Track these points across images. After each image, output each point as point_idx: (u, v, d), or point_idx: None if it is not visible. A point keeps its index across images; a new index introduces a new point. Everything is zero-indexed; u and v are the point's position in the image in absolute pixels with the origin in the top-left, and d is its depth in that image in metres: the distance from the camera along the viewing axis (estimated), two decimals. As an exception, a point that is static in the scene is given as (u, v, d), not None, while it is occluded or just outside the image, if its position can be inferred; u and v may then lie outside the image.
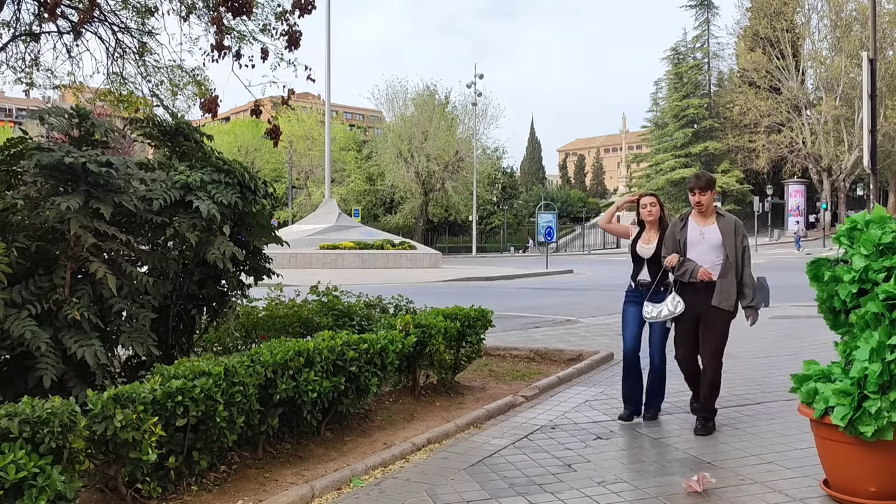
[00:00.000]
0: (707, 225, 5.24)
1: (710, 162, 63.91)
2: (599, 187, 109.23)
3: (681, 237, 5.23)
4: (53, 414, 3.07)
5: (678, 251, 5.21)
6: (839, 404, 3.63)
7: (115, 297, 4.25)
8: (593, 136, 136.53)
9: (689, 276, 5.12)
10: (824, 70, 55.06)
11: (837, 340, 4.04)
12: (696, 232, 5.22)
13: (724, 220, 5.25)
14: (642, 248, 5.56)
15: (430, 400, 6.25)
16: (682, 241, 5.21)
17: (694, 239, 5.20)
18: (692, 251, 5.19)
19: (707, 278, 5.07)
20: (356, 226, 37.49)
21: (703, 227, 5.23)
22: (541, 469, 4.48)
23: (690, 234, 5.22)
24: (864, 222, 3.96)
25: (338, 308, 6.79)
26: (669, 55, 69.23)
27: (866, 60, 15.20)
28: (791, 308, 12.93)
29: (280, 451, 4.67)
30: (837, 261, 4.05)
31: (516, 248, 67.09)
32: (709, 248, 5.15)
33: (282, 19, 8.21)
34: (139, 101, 9.47)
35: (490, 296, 17.34)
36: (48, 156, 4.15)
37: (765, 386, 6.68)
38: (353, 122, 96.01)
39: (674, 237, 5.27)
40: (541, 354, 8.30)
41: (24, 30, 9.14)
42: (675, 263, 5.16)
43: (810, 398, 3.84)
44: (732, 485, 4.09)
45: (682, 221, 5.32)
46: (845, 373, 3.78)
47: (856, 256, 3.85)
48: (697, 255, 5.17)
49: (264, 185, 5.23)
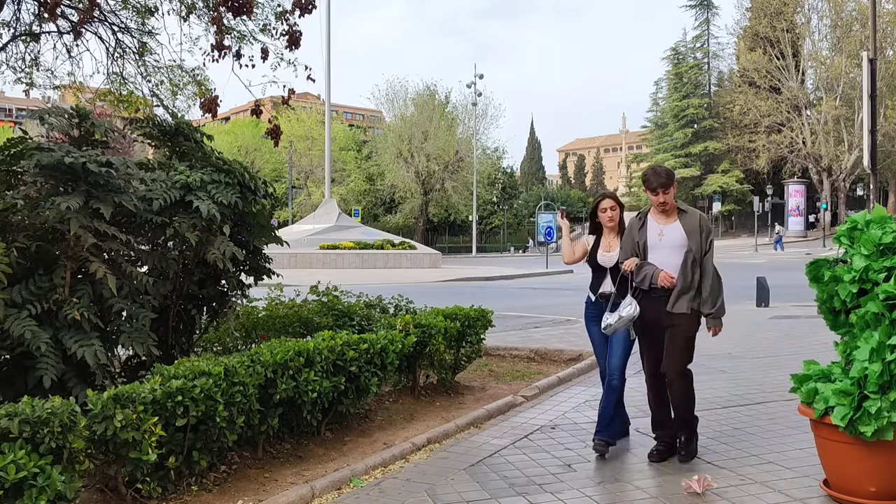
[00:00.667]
0: (668, 223, 4.63)
1: (710, 162, 63.94)
2: (599, 187, 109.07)
3: (639, 239, 4.65)
4: (53, 414, 3.07)
5: (637, 254, 4.64)
6: (839, 404, 3.63)
7: (115, 297, 4.26)
8: (593, 136, 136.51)
9: (649, 282, 4.53)
10: (824, 70, 55.05)
11: (837, 340, 4.04)
12: (656, 232, 4.62)
13: (688, 216, 4.64)
14: (603, 256, 4.96)
15: (430, 400, 6.25)
16: (641, 242, 4.63)
17: (654, 240, 4.61)
18: (653, 254, 4.60)
19: (668, 284, 4.48)
20: (356, 226, 37.48)
21: (663, 225, 4.63)
22: (541, 469, 4.48)
23: (650, 234, 4.64)
24: (865, 222, 3.96)
25: (338, 308, 6.79)
26: (669, 55, 69.27)
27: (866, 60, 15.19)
28: (791, 308, 12.94)
29: (280, 451, 4.67)
30: (837, 261, 4.05)
31: (516, 248, 67.10)
32: (671, 249, 4.56)
33: (282, 19, 8.21)
34: (139, 101, 9.47)
35: (490, 296, 17.33)
36: (48, 156, 4.15)
37: (765, 386, 6.68)
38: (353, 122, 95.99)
39: (632, 239, 4.69)
40: (541, 354, 8.30)
41: (24, 30, 9.13)
42: (633, 268, 4.58)
43: (810, 398, 3.84)
44: (732, 485, 4.09)
45: (640, 221, 4.71)
46: (845, 373, 3.78)
47: (856, 256, 3.85)
48: (659, 258, 4.57)
49: (264, 185, 5.23)
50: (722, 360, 7.96)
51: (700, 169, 63.56)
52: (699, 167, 63.58)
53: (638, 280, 4.57)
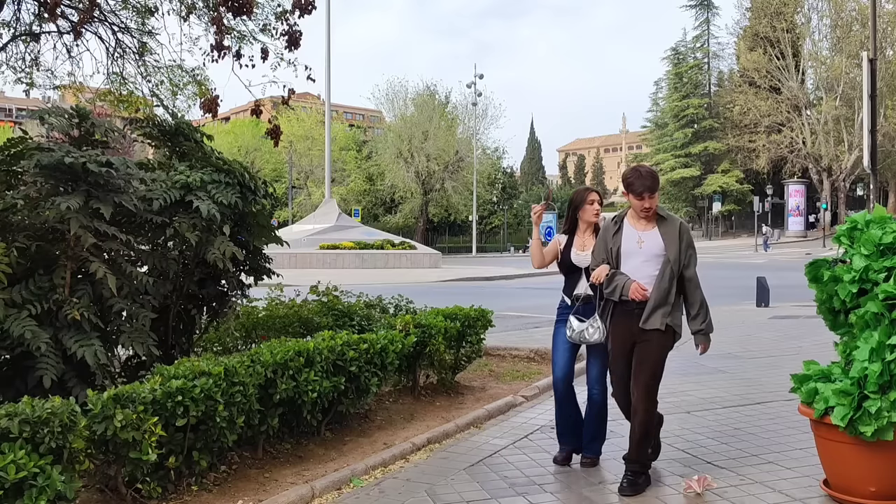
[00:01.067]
0: (647, 230, 4.16)
1: (710, 162, 63.93)
2: (599, 187, 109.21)
3: (613, 245, 4.18)
4: (53, 414, 3.07)
5: (609, 262, 4.18)
6: (839, 404, 3.63)
7: (115, 297, 4.25)
8: (593, 136, 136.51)
9: (620, 293, 4.12)
10: (824, 70, 55.04)
11: (837, 341, 4.04)
12: (634, 239, 4.16)
13: (667, 222, 4.16)
14: (578, 255, 4.54)
15: (430, 400, 6.25)
16: (616, 249, 4.17)
17: (630, 248, 4.15)
18: (627, 262, 4.14)
19: (640, 297, 4.05)
20: (356, 226, 37.48)
21: (642, 231, 4.17)
22: (541, 469, 4.48)
23: (626, 241, 4.17)
24: (865, 222, 3.96)
25: (338, 308, 6.79)
26: (669, 55, 69.26)
27: (866, 60, 15.19)
28: (791, 308, 12.94)
29: (280, 451, 4.67)
30: (836, 261, 4.05)
31: (516, 248, 67.06)
32: (647, 258, 4.11)
33: (282, 19, 8.22)
34: (139, 101, 9.48)
35: (490, 296, 17.33)
36: (48, 156, 4.15)
37: (765, 386, 6.68)
38: (353, 122, 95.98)
39: (605, 244, 4.22)
40: (541, 354, 8.30)
41: (24, 30, 9.14)
42: (603, 278, 4.13)
43: (810, 398, 3.84)
44: (732, 485, 4.09)
45: (615, 225, 4.23)
46: (845, 373, 3.78)
47: (856, 256, 3.85)
48: (633, 267, 4.12)
49: (264, 185, 5.24)
50: (722, 360, 7.96)
51: (700, 169, 63.56)
52: (699, 167, 63.56)
53: (608, 291, 4.16)
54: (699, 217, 66.73)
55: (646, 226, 4.18)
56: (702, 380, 7.01)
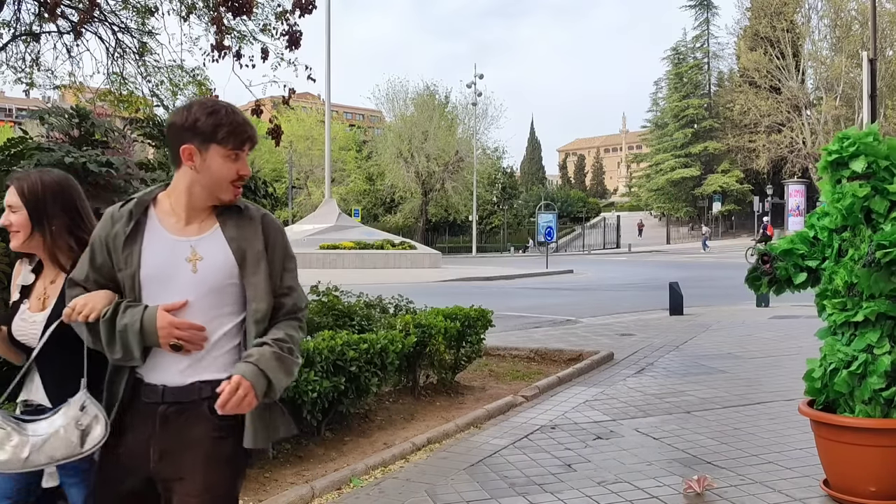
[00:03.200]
0: (203, 230, 2.11)
1: (710, 162, 63.91)
2: (599, 187, 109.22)
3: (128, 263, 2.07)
4: (53, 414, 3.06)
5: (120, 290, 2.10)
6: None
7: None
8: (593, 136, 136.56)
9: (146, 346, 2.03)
10: (824, 70, 55.03)
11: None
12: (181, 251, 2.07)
13: (244, 217, 2.15)
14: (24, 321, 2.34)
15: (430, 400, 6.25)
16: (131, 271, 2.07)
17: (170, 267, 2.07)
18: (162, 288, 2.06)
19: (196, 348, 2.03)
20: (356, 226, 37.46)
21: (196, 238, 2.10)
22: (541, 469, 4.48)
23: (158, 248, 2.08)
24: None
25: (338, 308, 6.77)
26: (669, 55, 69.20)
27: (866, 60, 15.21)
28: (791, 308, 12.93)
29: (280, 451, 4.66)
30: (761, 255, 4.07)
31: (516, 248, 67.03)
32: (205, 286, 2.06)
33: (282, 19, 8.21)
34: (139, 101, 9.48)
35: (490, 296, 17.33)
36: (48, 156, 4.15)
37: (765, 386, 6.68)
38: (353, 122, 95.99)
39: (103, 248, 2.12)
40: (541, 354, 8.31)
41: (24, 30, 9.14)
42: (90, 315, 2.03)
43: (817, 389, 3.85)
44: (732, 485, 4.09)
45: (129, 215, 2.10)
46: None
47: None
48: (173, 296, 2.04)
49: (264, 184, 5.24)
50: (722, 360, 7.96)
51: (700, 169, 63.52)
52: (699, 167, 63.51)
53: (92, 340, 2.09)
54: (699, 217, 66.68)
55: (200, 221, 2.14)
56: (702, 380, 7.01)
